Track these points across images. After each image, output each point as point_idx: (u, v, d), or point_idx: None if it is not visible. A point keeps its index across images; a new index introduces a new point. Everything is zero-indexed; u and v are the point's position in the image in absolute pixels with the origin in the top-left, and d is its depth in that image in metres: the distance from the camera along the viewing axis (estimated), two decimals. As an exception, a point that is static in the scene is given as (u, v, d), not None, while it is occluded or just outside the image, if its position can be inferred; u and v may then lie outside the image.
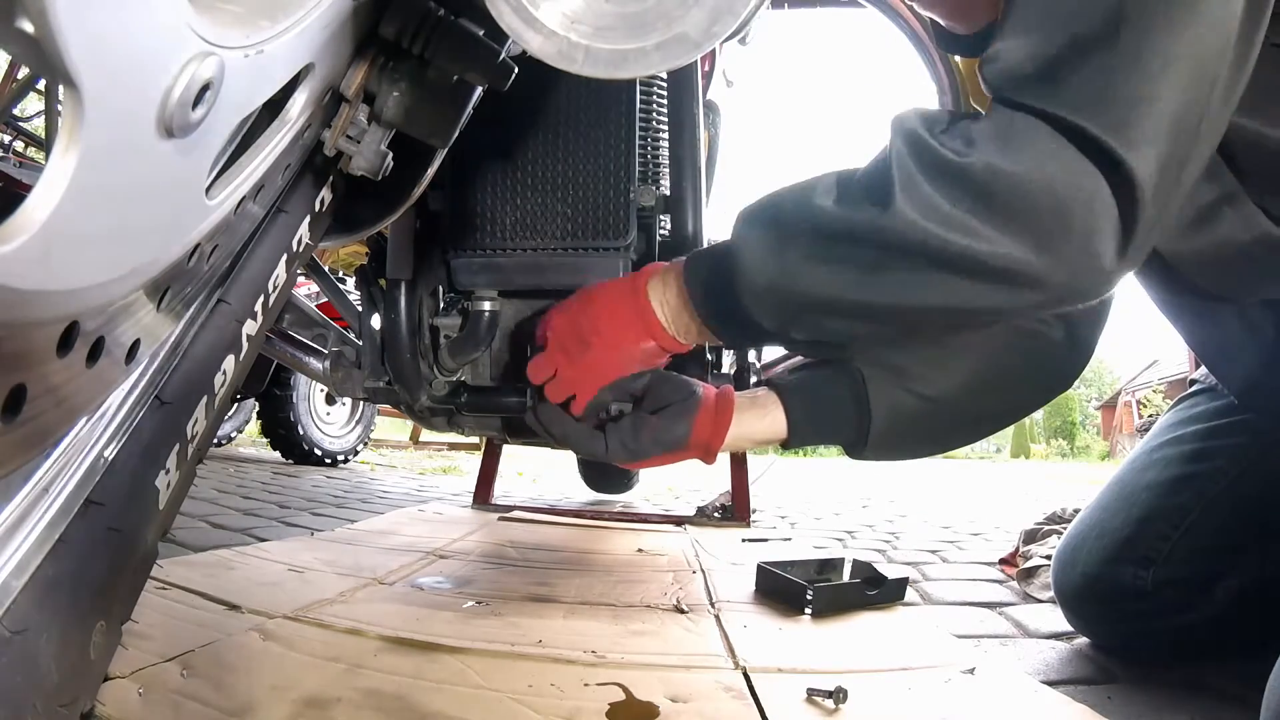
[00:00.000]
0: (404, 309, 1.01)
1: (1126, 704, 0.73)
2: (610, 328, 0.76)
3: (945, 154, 0.56)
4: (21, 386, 0.31)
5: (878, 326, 0.69)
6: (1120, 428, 20.44)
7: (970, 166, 0.55)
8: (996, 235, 0.55)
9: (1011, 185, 0.54)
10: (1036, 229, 0.55)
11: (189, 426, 0.50)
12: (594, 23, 0.47)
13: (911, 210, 0.57)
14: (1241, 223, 0.68)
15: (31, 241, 0.27)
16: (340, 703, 0.62)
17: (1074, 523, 1.00)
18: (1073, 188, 0.53)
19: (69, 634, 0.40)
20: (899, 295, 0.61)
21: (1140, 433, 13.91)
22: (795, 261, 0.64)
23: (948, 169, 0.56)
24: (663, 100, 1.09)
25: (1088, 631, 0.96)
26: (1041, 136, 0.54)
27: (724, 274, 0.69)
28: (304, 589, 1.00)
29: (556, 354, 0.78)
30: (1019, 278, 0.56)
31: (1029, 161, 0.54)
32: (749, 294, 0.67)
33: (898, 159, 0.59)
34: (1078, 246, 0.54)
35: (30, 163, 3.54)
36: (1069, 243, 0.54)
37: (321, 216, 0.65)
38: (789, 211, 0.67)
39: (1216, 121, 0.56)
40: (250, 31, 0.38)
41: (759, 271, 0.66)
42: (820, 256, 0.63)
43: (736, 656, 0.80)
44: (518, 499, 2.43)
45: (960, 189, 0.56)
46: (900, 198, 0.57)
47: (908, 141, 0.59)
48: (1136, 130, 0.52)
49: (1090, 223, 0.54)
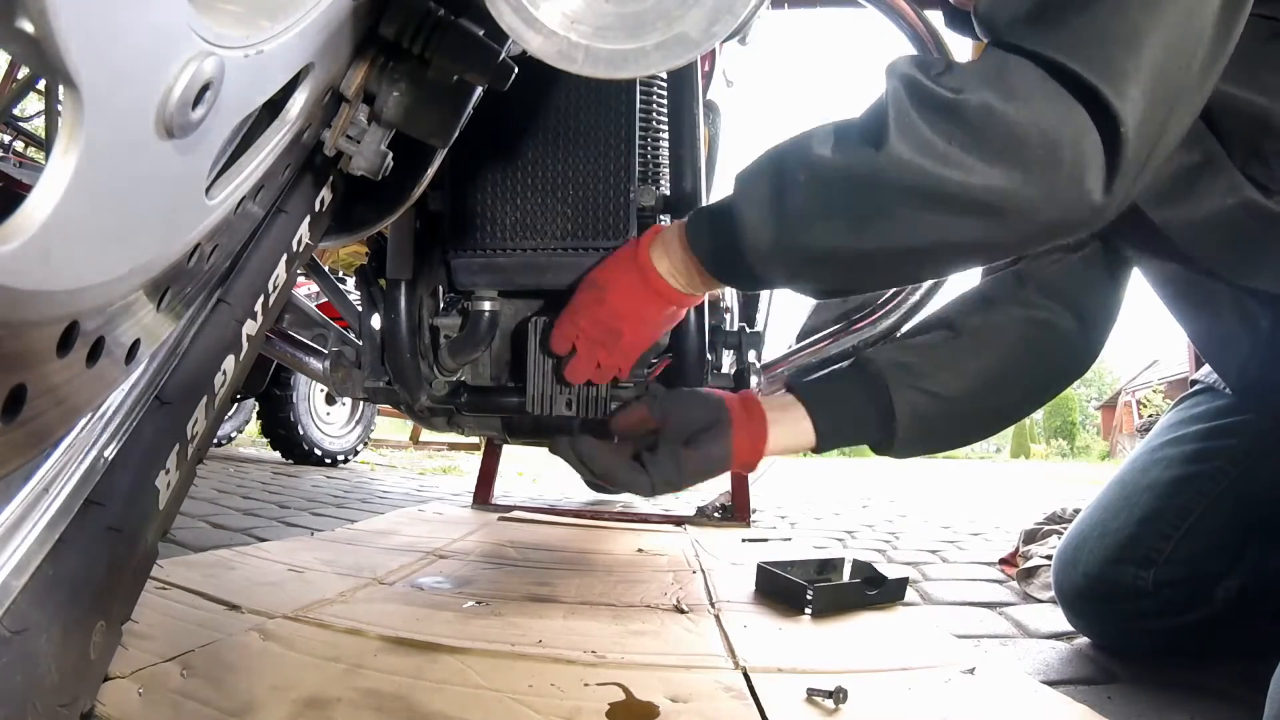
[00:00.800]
0: (404, 309, 1.01)
1: (1126, 704, 0.73)
2: (635, 312, 0.80)
3: (940, 91, 0.58)
4: (21, 386, 0.31)
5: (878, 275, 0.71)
6: (1120, 428, 20.44)
7: (964, 103, 0.57)
8: (988, 169, 0.57)
9: (1004, 121, 0.56)
10: (1027, 162, 0.57)
11: (189, 426, 0.50)
12: (594, 23, 0.47)
13: (907, 148, 0.58)
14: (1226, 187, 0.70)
15: (31, 241, 0.27)
16: (340, 703, 0.62)
17: (1075, 523, 1.00)
18: (1061, 125, 0.56)
19: (69, 634, 0.40)
20: (896, 237, 0.63)
21: (1140, 433, 13.91)
22: (794, 216, 0.66)
23: (942, 105, 0.58)
24: (663, 100, 1.09)
25: (1088, 631, 0.96)
26: (1032, 77, 0.56)
27: (728, 234, 0.70)
28: (304, 589, 1.00)
29: (594, 350, 0.83)
30: (1011, 209, 0.58)
31: (1020, 99, 0.56)
32: (753, 253, 0.69)
33: (893, 98, 0.60)
34: (1066, 178, 0.57)
35: (30, 163, 3.55)
36: (1058, 175, 0.57)
37: (321, 216, 0.65)
38: (788, 163, 0.67)
39: (1202, 77, 0.58)
40: (250, 31, 0.38)
41: (760, 231, 0.67)
42: (818, 209, 0.65)
43: (736, 656, 0.80)
44: (518, 499, 2.43)
45: (954, 124, 0.58)
46: (895, 135, 0.59)
47: (903, 81, 0.61)
48: (1120, 73, 0.54)
49: (1078, 157, 0.56)
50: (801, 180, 0.65)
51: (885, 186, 0.60)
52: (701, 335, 1.03)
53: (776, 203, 0.66)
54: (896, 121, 0.59)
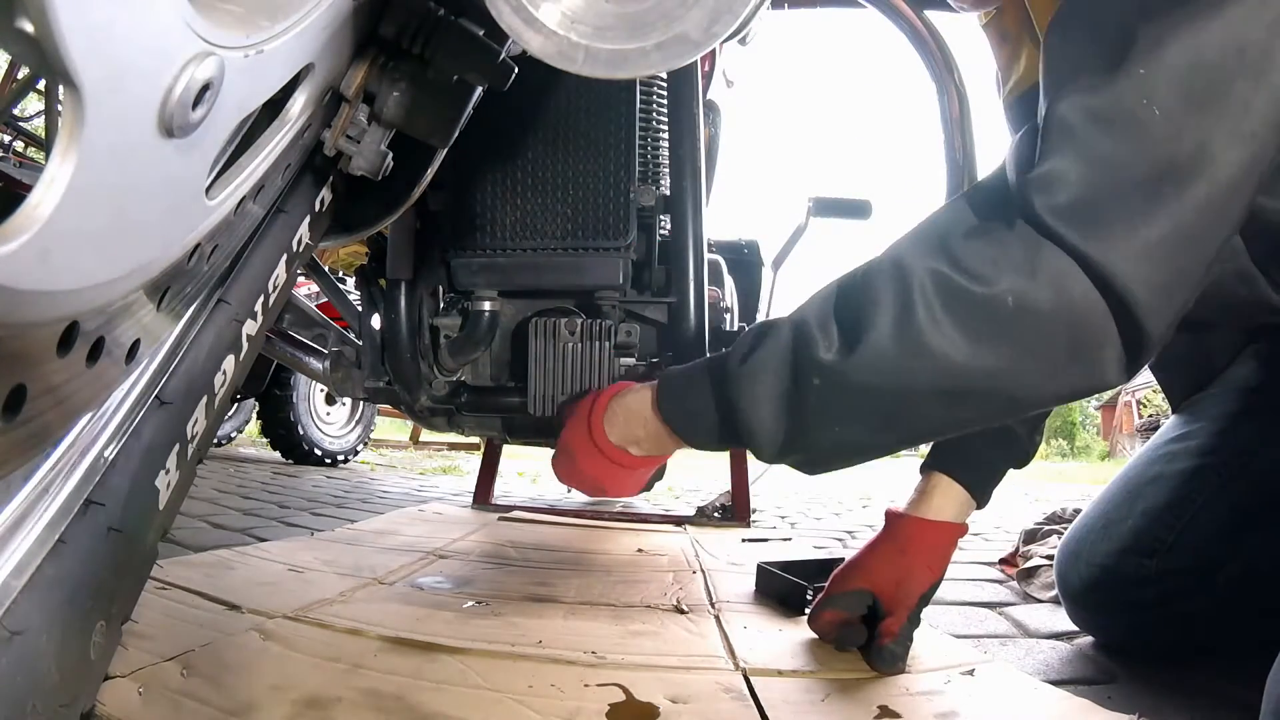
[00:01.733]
0: (404, 309, 1.01)
1: (1126, 703, 0.73)
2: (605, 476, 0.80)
3: (973, 289, 0.58)
4: (21, 386, 0.31)
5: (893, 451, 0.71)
6: (1120, 428, 20.43)
7: (997, 299, 0.57)
8: (1015, 365, 0.59)
9: (1035, 319, 0.57)
10: (1054, 358, 0.59)
11: (189, 426, 0.50)
12: (594, 23, 0.47)
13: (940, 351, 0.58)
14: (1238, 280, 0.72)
15: (31, 241, 0.27)
16: (340, 703, 0.62)
17: (1079, 518, 1.00)
18: (1088, 326, 0.57)
19: (69, 634, 0.40)
20: (922, 430, 0.65)
21: (1140, 432, 13.93)
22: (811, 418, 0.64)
23: (974, 303, 0.58)
24: (663, 100, 1.10)
25: (1090, 626, 0.97)
26: (1068, 273, 0.56)
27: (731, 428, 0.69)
28: (304, 589, 1.00)
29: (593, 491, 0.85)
30: (1033, 400, 0.61)
31: (1054, 296, 0.56)
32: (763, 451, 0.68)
33: (921, 297, 0.59)
34: (1086, 374, 0.59)
35: (30, 163, 3.54)
36: (1080, 371, 0.59)
37: (321, 216, 0.65)
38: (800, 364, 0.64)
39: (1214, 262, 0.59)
40: (250, 31, 0.38)
41: (773, 432, 0.66)
42: (839, 414, 0.64)
43: (736, 657, 0.80)
44: (518, 499, 2.43)
45: (984, 321, 0.58)
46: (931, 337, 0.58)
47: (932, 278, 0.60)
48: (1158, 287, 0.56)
49: (1101, 356, 0.58)
50: (816, 385, 0.63)
51: (915, 392, 0.60)
52: (701, 336, 1.03)
53: (789, 407, 0.65)
54: (928, 324, 0.58)
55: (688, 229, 1.04)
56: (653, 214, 1.02)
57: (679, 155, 1.05)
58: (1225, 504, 0.87)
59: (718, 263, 1.36)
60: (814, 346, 0.63)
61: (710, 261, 1.15)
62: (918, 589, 0.82)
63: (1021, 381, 0.59)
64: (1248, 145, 0.54)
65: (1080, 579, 0.94)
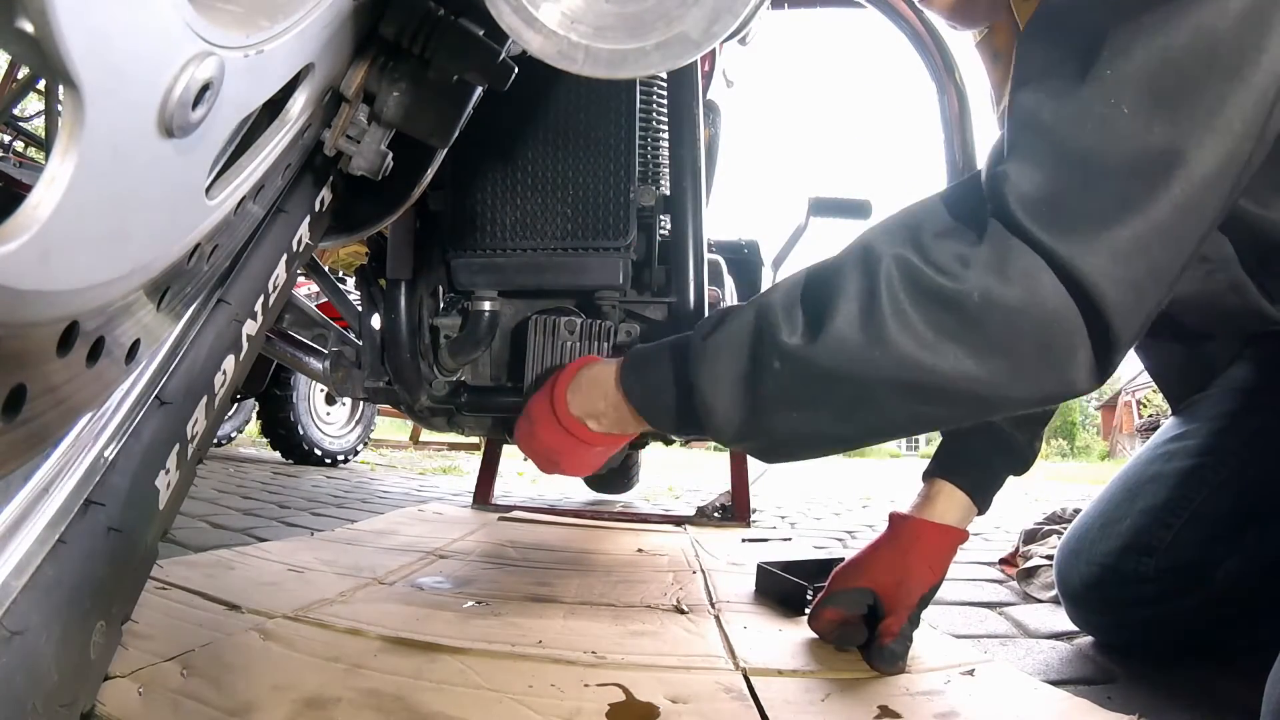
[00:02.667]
0: (404, 309, 1.01)
1: (1126, 704, 0.72)
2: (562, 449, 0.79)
3: (941, 282, 0.57)
4: (21, 386, 0.31)
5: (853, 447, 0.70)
6: (1120, 427, 20.44)
7: (965, 295, 0.56)
8: (980, 362, 0.57)
9: (1003, 318, 0.56)
10: (1020, 357, 0.57)
11: (189, 426, 0.50)
12: (594, 23, 0.47)
13: (902, 343, 0.57)
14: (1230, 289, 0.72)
15: (31, 241, 0.27)
16: (340, 703, 0.62)
17: (1079, 517, 1.01)
18: (1057, 325, 0.56)
19: (69, 634, 0.40)
20: (883, 423, 0.63)
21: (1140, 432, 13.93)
22: (769, 402, 0.63)
23: (941, 298, 0.57)
24: (663, 100, 1.09)
25: (1089, 625, 0.97)
26: (1036, 272, 0.55)
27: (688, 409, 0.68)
28: (304, 589, 1.00)
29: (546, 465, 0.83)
30: (998, 400, 0.60)
31: (1023, 295, 0.55)
32: (720, 433, 0.67)
33: (887, 285, 0.58)
34: (1055, 376, 0.58)
35: (30, 163, 3.54)
36: (1048, 371, 0.58)
37: (321, 216, 0.65)
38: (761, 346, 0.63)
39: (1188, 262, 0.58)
40: (250, 31, 0.38)
41: (730, 413, 0.65)
42: (798, 399, 0.62)
43: (736, 657, 0.80)
44: (518, 499, 2.43)
45: (951, 316, 0.57)
46: (892, 330, 0.57)
47: (898, 266, 0.59)
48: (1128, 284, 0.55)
49: (1070, 358, 0.57)
50: (777, 368, 0.62)
51: (877, 382, 0.59)
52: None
53: (748, 388, 0.64)
54: (892, 315, 0.57)
55: (688, 229, 1.04)
56: (653, 214, 1.02)
57: (679, 155, 1.05)
58: (1223, 502, 0.88)
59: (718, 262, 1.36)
60: (777, 329, 0.62)
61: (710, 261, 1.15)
62: (919, 589, 0.82)
63: (987, 381, 0.57)
64: (1223, 142, 0.54)
65: (1080, 578, 0.94)
